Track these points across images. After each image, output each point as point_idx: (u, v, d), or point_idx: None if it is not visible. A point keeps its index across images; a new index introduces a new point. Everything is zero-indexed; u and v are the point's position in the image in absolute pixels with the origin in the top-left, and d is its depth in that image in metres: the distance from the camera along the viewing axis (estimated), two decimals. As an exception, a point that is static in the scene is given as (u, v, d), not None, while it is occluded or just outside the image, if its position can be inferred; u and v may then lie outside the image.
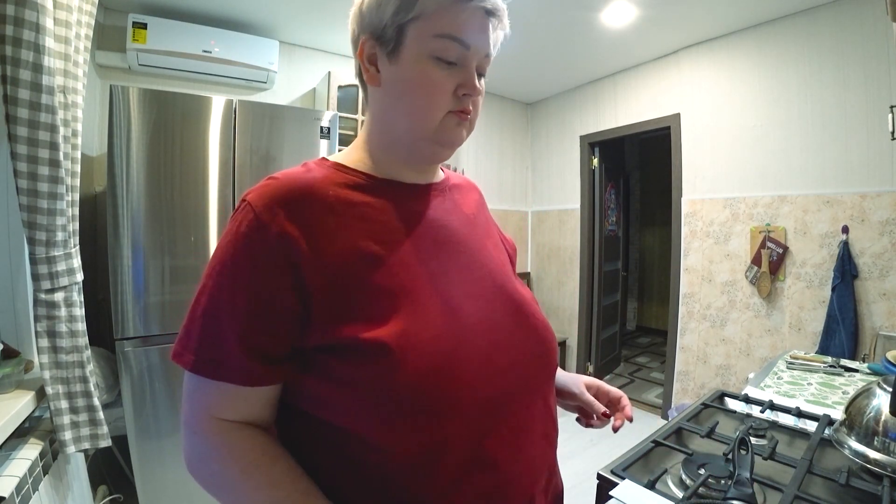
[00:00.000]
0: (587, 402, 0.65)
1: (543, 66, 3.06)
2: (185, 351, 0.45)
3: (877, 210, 1.97)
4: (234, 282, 0.44)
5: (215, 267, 0.45)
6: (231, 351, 0.43)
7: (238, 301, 0.43)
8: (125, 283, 1.57)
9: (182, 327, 0.46)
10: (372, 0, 0.49)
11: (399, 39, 0.48)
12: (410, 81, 0.48)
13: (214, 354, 0.43)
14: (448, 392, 0.43)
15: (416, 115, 0.49)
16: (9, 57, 0.92)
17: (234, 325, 0.43)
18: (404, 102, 0.49)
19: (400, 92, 0.49)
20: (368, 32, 0.50)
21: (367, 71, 0.51)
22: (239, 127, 1.75)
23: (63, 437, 1.10)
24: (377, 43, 0.49)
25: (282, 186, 0.46)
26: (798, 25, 2.22)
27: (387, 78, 0.50)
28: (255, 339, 0.43)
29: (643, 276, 5.56)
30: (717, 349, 2.59)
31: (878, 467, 0.70)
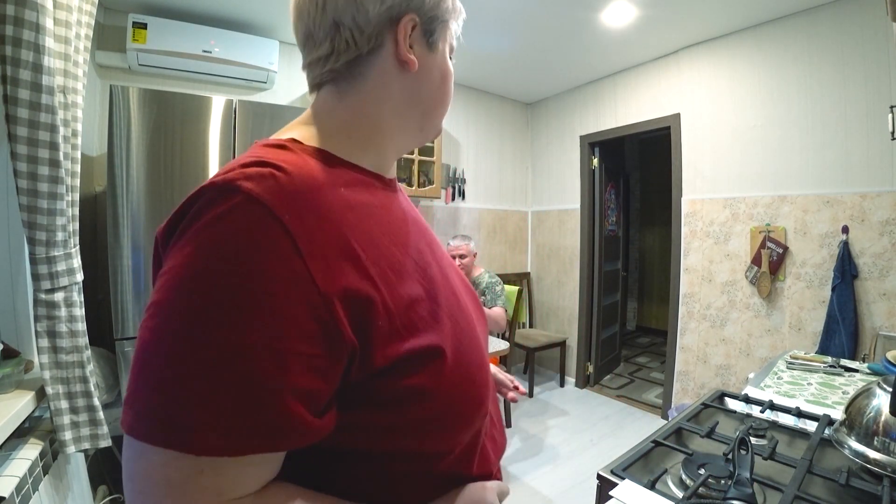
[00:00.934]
0: (499, 381, 0.75)
1: (543, 66, 3.06)
2: (176, 431, 0.30)
3: (877, 210, 1.97)
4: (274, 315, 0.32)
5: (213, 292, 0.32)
6: (287, 410, 0.32)
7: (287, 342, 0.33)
8: (125, 283, 1.57)
9: (150, 391, 0.31)
10: None
11: (441, 32, 0.49)
12: (446, 72, 0.51)
13: (253, 423, 0.31)
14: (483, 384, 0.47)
15: (445, 103, 0.53)
16: (9, 57, 0.92)
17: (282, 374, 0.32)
18: (442, 90, 0.51)
19: (439, 80, 0.50)
20: (417, 12, 0.46)
21: (408, 51, 0.46)
22: (239, 127, 1.76)
23: (63, 437, 1.10)
24: (424, 26, 0.47)
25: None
26: (798, 25, 2.22)
27: (424, 64, 0.48)
28: (311, 385, 0.33)
29: (643, 276, 5.56)
30: (717, 349, 2.59)
31: (878, 467, 0.70)
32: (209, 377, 0.31)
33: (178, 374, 0.31)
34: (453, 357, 0.42)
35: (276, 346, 0.32)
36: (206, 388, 0.30)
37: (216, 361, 0.31)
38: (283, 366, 0.32)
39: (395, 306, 0.39)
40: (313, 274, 0.34)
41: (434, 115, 0.52)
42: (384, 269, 0.40)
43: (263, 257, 0.32)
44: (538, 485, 2.16)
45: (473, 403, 0.45)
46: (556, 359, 3.59)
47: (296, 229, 0.34)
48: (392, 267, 0.41)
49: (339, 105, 0.47)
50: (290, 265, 0.33)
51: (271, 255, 0.33)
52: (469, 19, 2.59)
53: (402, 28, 0.45)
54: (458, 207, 3.49)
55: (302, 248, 0.34)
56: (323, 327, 0.33)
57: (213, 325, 0.31)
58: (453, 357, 0.42)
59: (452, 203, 3.43)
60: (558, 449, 2.52)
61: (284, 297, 0.32)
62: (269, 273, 0.32)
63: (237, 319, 0.31)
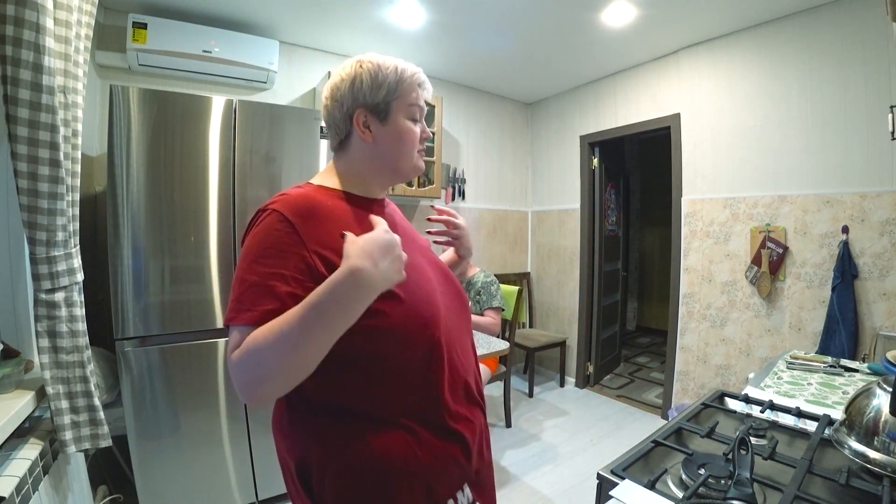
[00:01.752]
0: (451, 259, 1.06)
1: (543, 66, 3.06)
2: (239, 313, 0.60)
3: (877, 210, 1.97)
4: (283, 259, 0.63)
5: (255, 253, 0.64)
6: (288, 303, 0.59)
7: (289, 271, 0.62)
8: (125, 283, 1.57)
9: (230, 301, 0.62)
10: (367, 86, 0.72)
11: (388, 110, 0.73)
12: (400, 135, 0.75)
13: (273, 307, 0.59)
14: (431, 315, 0.71)
15: (406, 155, 0.77)
16: (9, 57, 0.92)
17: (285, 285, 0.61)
18: (397, 149, 0.75)
19: (393, 142, 0.75)
20: (363, 107, 0.72)
21: (363, 133, 0.73)
22: (239, 127, 1.75)
23: (63, 436, 1.10)
24: (371, 113, 0.73)
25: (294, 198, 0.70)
26: (798, 25, 2.22)
27: (379, 136, 0.74)
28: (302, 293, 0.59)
29: (643, 276, 5.56)
30: (717, 349, 2.59)
31: (878, 467, 0.70)
32: (252, 289, 0.61)
33: (242, 289, 0.62)
34: (406, 297, 0.67)
35: (283, 273, 0.61)
36: (250, 294, 0.61)
37: (256, 282, 0.61)
38: (286, 281, 0.61)
39: None
40: (303, 240, 0.64)
41: (400, 163, 0.77)
42: None
43: (278, 234, 0.64)
44: (538, 485, 2.16)
45: (418, 324, 0.68)
46: (556, 359, 3.59)
47: (293, 219, 0.65)
48: None
49: (339, 164, 0.78)
50: (290, 236, 0.64)
51: (282, 233, 0.64)
52: (469, 19, 2.59)
53: (356, 119, 0.73)
54: (457, 207, 3.48)
55: (297, 228, 0.64)
56: (307, 267, 0.63)
57: (256, 266, 0.62)
58: (406, 297, 0.67)
59: (452, 203, 3.43)
60: (558, 449, 2.52)
61: (285, 250, 0.63)
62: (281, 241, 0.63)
63: (263, 262, 0.62)
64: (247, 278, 0.61)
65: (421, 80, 0.76)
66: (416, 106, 0.76)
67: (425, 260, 0.80)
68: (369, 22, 2.38)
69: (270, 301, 0.59)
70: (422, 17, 2.34)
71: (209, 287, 1.72)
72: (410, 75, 0.74)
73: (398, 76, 0.73)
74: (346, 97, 0.72)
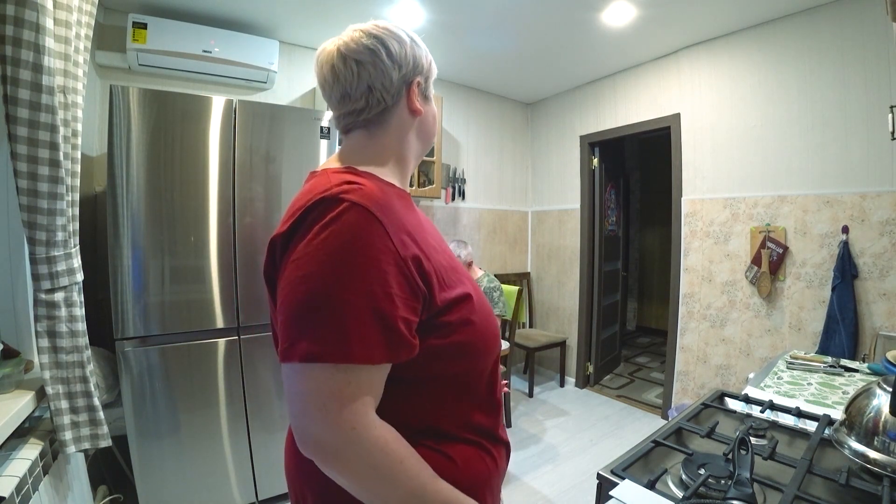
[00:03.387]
0: None
1: (543, 66, 3.06)
2: (338, 347, 0.47)
3: (877, 210, 1.97)
4: (383, 273, 0.50)
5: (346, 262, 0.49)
6: (401, 331, 0.50)
7: (375, 284, 0.49)
8: (125, 283, 1.57)
9: (313, 328, 0.48)
10: (425, 56, 0.67)
11: (430, 88, 0.70)
12: (434, 116, 0.73)
13: (385, 339, 0.49)
14: (495, 324, 0.67)
15: (434, 138, 0.75)
16: (9, 57, 0.92)
17: (394, 308, 0.50)
18: (434, 126, 0.73)
19: (432, 120, 0.72)
20: (422, 74, 0.67)
21: (416, 102, 0.66)
22: (239, 127, 1.75)
23: (63, 437, 1.10)
24: (424, 85, 0.68)
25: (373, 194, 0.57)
26: (798, 25, 2.22)
27: (425, 111, 0.69)
28: (402, 313, 0.51)
29: (643, 276, 5.56)
30: (717, 349, 2.59)
31: (878, 467, 0.70)
32: (355, 313, 0.47)
33: (335, 313, 0.47)
34: (478, 302, 0.63)
35: (388, 290, 0.49)
36: (354, 321, 0.47)
37: (358, 304, 0.48)
38: (393, 303, 0.49)
39: (438, 269, 0.58)
40: (396, 247, 0.51)
41: (429, 144, 0.74)
42: (425, 247, 0.57)
43: (368, 238, 0.50)
44: (538, 485, 2.16)
45: (492, 334, 0.65)
46: (556, 359, 3.59)
47: (384, 220, 0.51)
48: (428, 246, 0.59)
49: (370, 143, 0.65)
50: (384, 242, 0.50)
51: (374, 237, 0.50)
52: (469, 19, 2.59)
53: (414, 87, 0.66)
54: (458, 207, 3.49)
55: (389, 232, 0.51)
56: (406, 279, 0.51)
57: (351, 280, 0.48)
58: (478, 302, 0.63)
59: (452, 203, 3.43)
60: (558, 449, 2.52)
61: (385, 261, 0.50)
62: (377, 248, 0.50)
63: (363, 276, 0.48)
64: (342, 297, 0.47)
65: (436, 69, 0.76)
66: None
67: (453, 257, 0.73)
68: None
69: (381, 330, 0.48)
70: (422, 16, 2.34)
71: (209, 287, 1.72)
72: None
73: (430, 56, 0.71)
74: (408, 60, 0.63)
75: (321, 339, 0.47)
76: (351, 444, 0.47)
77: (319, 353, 0.47)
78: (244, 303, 1.78)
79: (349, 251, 0.49)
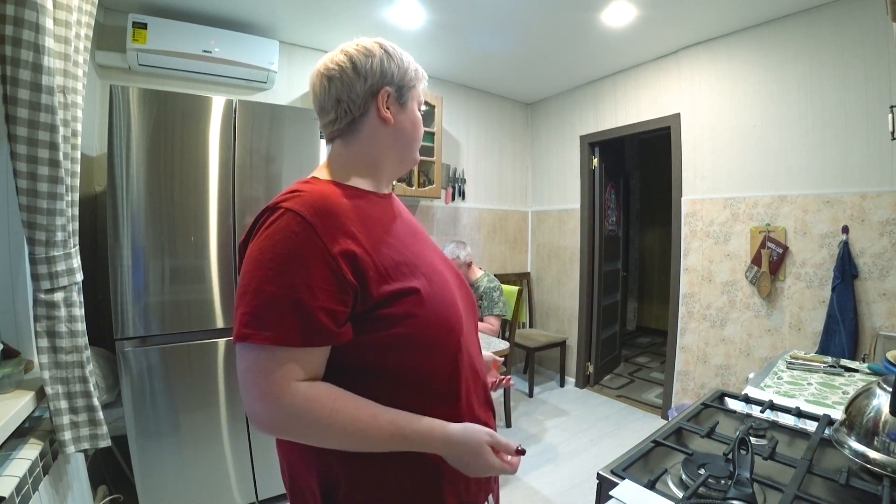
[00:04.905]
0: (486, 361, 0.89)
1: (543, 66, 3.06)
2: (259, 330, 0.54)
3: (877, 210, 1.97)
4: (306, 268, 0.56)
5: (272, 259, 0.56)
6: (318, 319, 0.55)
7: (298, 278, 0.55)
8: (125, 283, 1.57)
9: (243, 314, 0.55)
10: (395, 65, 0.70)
11: (408, 95, 0.72)
12: (415, 122, 0.75)
13: (300, 325, 0.55)
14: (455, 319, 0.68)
15: (416, 142, 0.76)
16: (9, 57, 0.92)
17: (313, 300, 0.55)
18: (411, 135, 0.74)
19: (409, 128, 0.73)
20: (390, 85, 0.69)
21: (384, 112, 0.69)
22: (239, 127, 1.75)
23: (63, 437, 1.10)
24: (395, 94, 0.70)
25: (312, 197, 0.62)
26: (798, 25, 2.22)
27: (399, 119, 0.71)
28: (332, 307, 0.56)
29: (643, 276, 5.56)
30: (717, 349, 2.59)
31: (878, 467, 0.70)
32: (275, 303, 0.55)
33: (259, 302, 0.55)
34: (428, 298, 0.64)
35: (309, 283, 0.55)
36: (274, 309, 0.55)
37: (279, 294, 0.55)
38: (313, 294, 0.55)
39: (381, 263, 0.61)
40: (326, 244, 0.57)
41: (409, 151, 0.76)
42: (374, 242, 0.63)
43: (297, 238, 0.57)
44: (538, 485, 2.16)
45: (443, 329, 0.65)
46: (556, 359, 3.59)
47: (315, 222, 0.58)
48: (379, 241, 0.64)
49: (345, 151, 0.71)
50: (312, 240, 0.57)
51: (301, 237, 0.57)
52: (469, 19, 2.58)
53: (381, 97, 0.69)
54: (457, 207, 3.48)
55: (318, 231, 0.57)
56: (334, 273, 0.57)
57: (276, 275, 0.55)
58: (428, 298, 0.64)
59: (452, 203, 3.43)
60: (558, 449, 2.52)
61: (308, 257, 0.56)
62: (302, 246, 0.56)
63: (285, 270, 0.55)
64: (265, 289, 0.55)
65: (425, 76, 0.77)
66: (422, 98, 0.77)
67: (438, 259, 0.76)
68: (369, 22, 2.38)
69: (297, 318, 0.54)
70: (421, 16, 2.34)
71: (209, 287, 1.72)
72: (420, 70, 0.75)
73: (415, 65, 0.73)
74: (374, 72, 0.68)
75: (248, 324, 0.54)
76: (279, 412, 0.55)
77: (245, 335, 0.54)
78: (244, 303, 1.78)
79: (276, 249, 0.56)
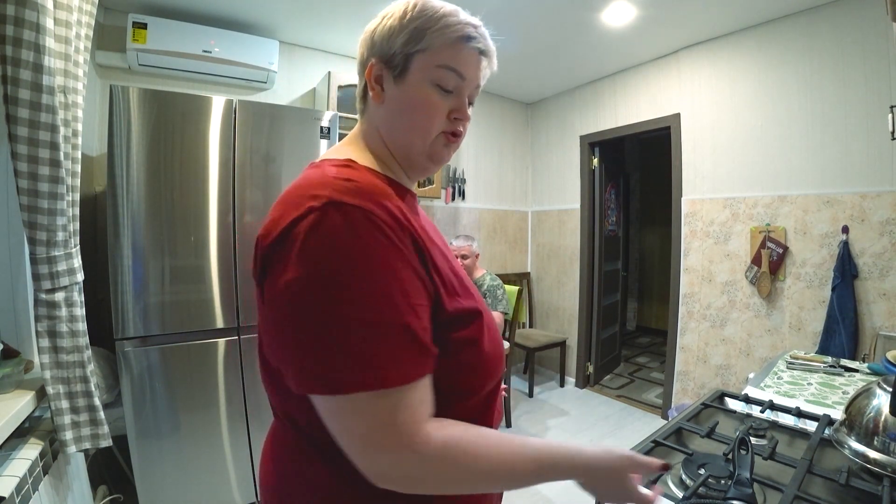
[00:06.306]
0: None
1: (543, 66, 3.06)
2: (368, 371, 0.41)
3: (877, 210, 1.97)
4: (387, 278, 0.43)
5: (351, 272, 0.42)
6: (426, 343, 0.45)
7: (397, 295, 0.43)
8: (125, 283, 1.57)
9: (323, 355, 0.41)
10: (384, 29, 0.56)
11: (406, 66, 0.55)
12: (413, 102, 0.55)
13: (417, 353, 0.44)
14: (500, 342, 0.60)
15: (415, 131, 0.56)
16: (9, 57, 0.92)
17: (418, 319, 0.45)
18: (406, 119, 0.56)
19: (402, 110, 0.56)
20: (378, 56, 0.56)
21: (373, 89, 0.57)
22: (239, 127, 1.75)
23: (63, 436, 1.10)
24: (385, 66, 0.56)
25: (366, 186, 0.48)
26: (798, 25, 2.22)
27: (391, 97, 0.56)
28: (425, 323, 0.46)
29: (643, 276, 5.56)
30: (717, 349, 2.59)
31: (878, 467, 0.70)
32: (380, 332, 0.42)
33: (359, 335, 0.41)
34: (486, 320, 0.56)
35: (408, 299, 0.44)
36: (379, 340, 0.42)
37: (381, 321, 0.42)
38: (417, 313, 0.45)
39: (446, 278, 0.52)
40: (404, 243, 0.46)
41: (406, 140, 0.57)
42: (434, 253, 0.52)
43: (377, 241, 0.43)
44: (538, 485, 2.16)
45: (496, 357, 0.57)
46: (556, 359, 3.59)
47: (386, 219, 0.45)
48: (436, 252, 0.53)
49: (361, 129, 0.61)
50: (393, 242, 0.44)
51: (381, 239, 0.44)
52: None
53: (367, 71, 0.57)
54: (458, 207, 3.49)
55: (395, 231, 0.45)
56: (422, 283, 0.47)
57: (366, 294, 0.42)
58: (486, 320, 0.56)
59: (452, 203, 3.43)
60: (558, 449, 2.51)
61: (398, 265, 0.44)
62: (386, 252, 0.44)
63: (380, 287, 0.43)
64: (359, 317, 0.41)
65: (467, 35, 0.54)
66: (449, 70, 0.54)
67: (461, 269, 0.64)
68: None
69: (413, 345, 0.43)
70: (422, 17, 2.34)
71: (209, 287, 1.72)
72: (452, 25, 0.54)
73: (432, 21, 0.53)
74: (366, 42, 0.59)
75: (347, 367, 0.41)
76: (418, 467, 0.44)
77: (349, 383, 0.41)
78: (244, 303, 1.78)
79: (354, 258, 0.42)
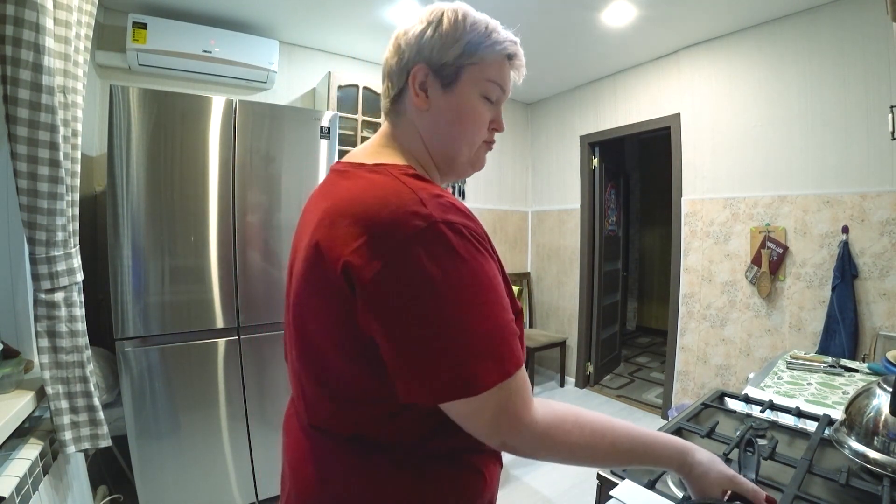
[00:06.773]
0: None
1: (543, 66, 3.06)
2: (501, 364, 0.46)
3: (877, 210, 1.97)
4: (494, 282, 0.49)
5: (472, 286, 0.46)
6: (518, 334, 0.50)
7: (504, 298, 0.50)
8: (125, 283, 1.57)
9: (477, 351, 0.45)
10: (436, 39, 0.57)
11: (457, 76, 0.57)
12: (463, 112, 0.58)
13: (518, 346, 0.49)
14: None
15: (464, 140, 0.60)
16: (9, 57, 0.92)
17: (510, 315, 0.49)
18: (456, 129, 0.59)
19: (452, 119, 0.58)
20: (426, 62, 0.57)
21: (417, 95, 0.58)
22: (239, 127, 1.75)
23: (63, 437, 1.10)
24: (433, 74, 0.57)
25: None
26: (798, 25, 2.22)
27: (438, 105, 0.58)
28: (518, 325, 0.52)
29: (643, 276, 5.56)
30: (717, 349, 2.59)
31: (878, 467, 0.70)
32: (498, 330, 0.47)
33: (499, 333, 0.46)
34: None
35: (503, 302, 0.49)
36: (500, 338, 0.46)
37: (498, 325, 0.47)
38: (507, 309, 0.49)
39: None
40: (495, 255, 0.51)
41: (454, 148, 0.60)
42: None
43: (484, 255, 0.48)
44: (538, 485, 2.16)
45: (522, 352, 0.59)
46: (556, 359, 3.59)
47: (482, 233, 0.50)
48: None
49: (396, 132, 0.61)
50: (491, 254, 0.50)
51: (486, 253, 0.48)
52: (469, 19, 2.57)
53: (412, 76, 0.58)
54: (458, 207, 3.48)
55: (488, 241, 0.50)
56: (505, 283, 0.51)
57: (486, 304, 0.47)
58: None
59: (452, 203, 3.43)
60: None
61: (497, 276, 0.49)
62: (490, 264, 0.49)
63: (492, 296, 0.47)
64: (501, 318, 0.47)
65: (512, 53, 0.59)
66: (496, 85, 0.59)
67: None
68: (369, 21, 2.38)
69: (517, 339, 0.49)
70: (422, 17, 2.34)
71: (209, 287, 1.72)
72: (501, 42, 0.58)
73: (484, 37, 0.57)
74: (411, 46, 0.58)
75: (489, 371, 0.45)
76: (531, 442, 0.48)
77: (489, 381, 0.45)
78: (244, 303, 1.78)
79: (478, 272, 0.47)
